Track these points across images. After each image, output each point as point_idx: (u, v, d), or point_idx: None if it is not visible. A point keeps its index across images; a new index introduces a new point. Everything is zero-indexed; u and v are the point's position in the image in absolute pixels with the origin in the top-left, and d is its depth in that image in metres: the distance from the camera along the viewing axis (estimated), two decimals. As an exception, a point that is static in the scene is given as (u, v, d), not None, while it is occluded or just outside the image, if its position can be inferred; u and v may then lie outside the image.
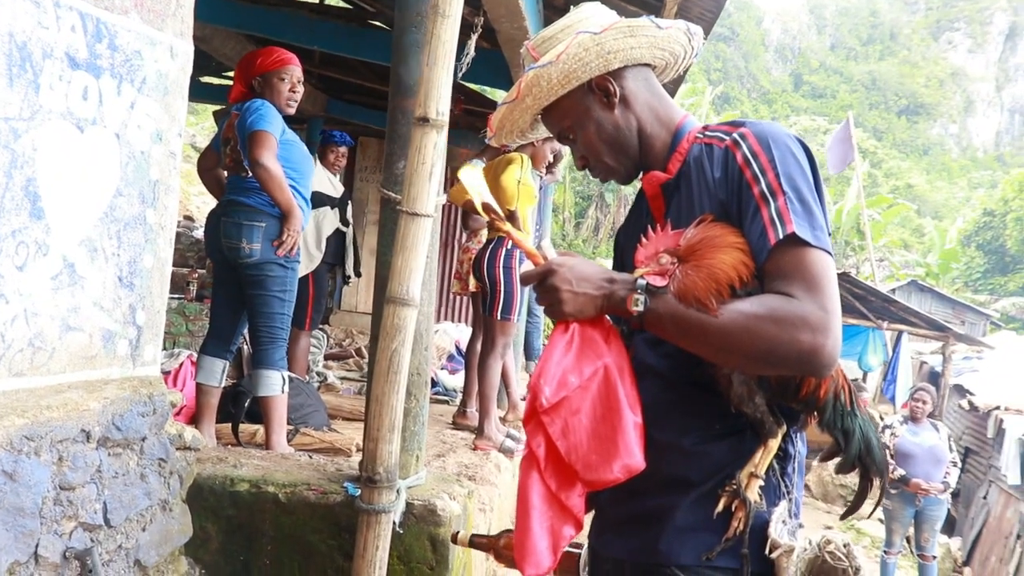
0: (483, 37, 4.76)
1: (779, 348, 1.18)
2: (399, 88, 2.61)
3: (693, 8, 4.52)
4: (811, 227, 1.23)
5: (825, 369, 1.20)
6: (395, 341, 2.30)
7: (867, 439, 1.35)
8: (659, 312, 1.27)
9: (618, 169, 1.50)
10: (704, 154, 1.38)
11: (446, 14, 2.27)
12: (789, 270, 1.22)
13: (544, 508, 1.31)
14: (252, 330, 3.64)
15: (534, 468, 1.33)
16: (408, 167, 2.31)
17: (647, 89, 1.48)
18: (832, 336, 1.18)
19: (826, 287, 1.20)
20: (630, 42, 1.41)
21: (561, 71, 1.40)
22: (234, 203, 3.53)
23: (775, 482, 1.35)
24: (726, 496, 1.31)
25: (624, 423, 1.28)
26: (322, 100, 8.78)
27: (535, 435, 1.33)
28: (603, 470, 1.28)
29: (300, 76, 3.73)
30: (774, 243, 1.22)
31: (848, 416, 1.35)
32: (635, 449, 1.28)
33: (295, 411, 4.15)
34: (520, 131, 1.58)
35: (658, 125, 1.46)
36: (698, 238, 1.28)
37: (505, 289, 4.31)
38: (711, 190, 1.34)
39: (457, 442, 4.54)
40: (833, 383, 1.32)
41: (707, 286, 1.23)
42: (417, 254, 2.30)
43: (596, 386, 1.31)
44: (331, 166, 5.35)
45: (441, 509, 2.52)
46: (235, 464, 2.70)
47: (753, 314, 1.20)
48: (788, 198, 1.24)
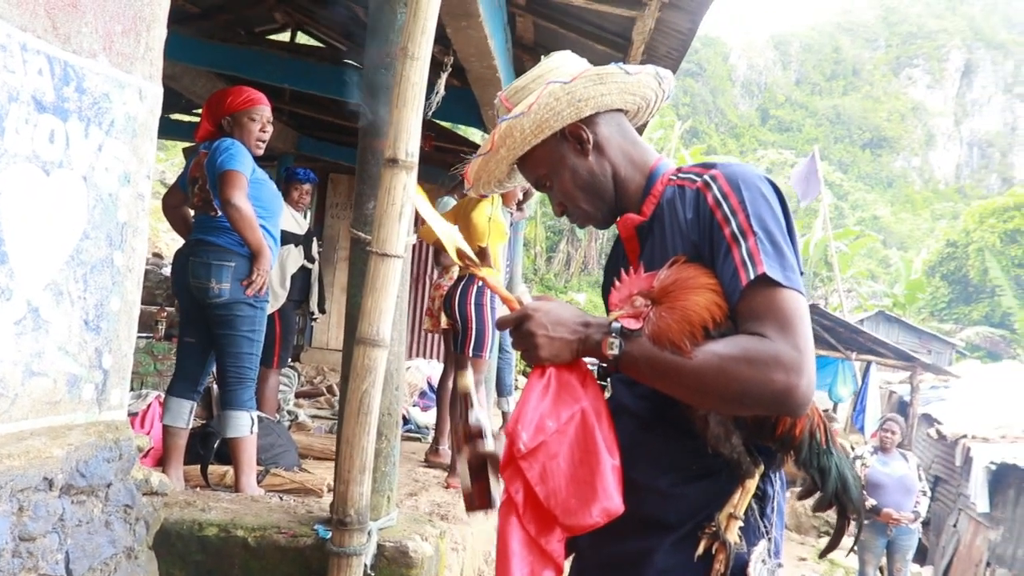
0: (453, 75, 4.81)
1: (753, 389, 1.19)
2: (369, 129, 2.63)
3: (659, 47, 4.59)
4: (782, 267, 1.24)
5: (800, 408, 1.21)
6: (365, 382, 2.29)
7: (843, 477, 1.36)
8: (634, 355, 1.28)
9: (595, 214, 1.51)
10: (677, 196, 1.39)
11: (415, 56, 2.30)
12: (761, 311, 1.22)
13: (524, 554, 1.31)
14: (220, 370, 3.60)
15: (513, 513, 1.32)
16: (378, 208, 2.32)
17: (620, 134, 1.49)
18: (806, 375, 1.18)
19: (798, 326, 1.21)
20: (600, 89, 1.43)
21: (533, 121, 1.42)
22: (203, 242, 3.51)
23: (754, 522, 1.35)
24: (706, 538, 1.31)
25: (602, 466, 1.29)
26: (292, 137, 8.80)
27: (513, 481, 1.32)
28: (582, 514, 1.27)
29: (270, 116, 3.74)
30: (745, 284, 1.23)
31: (824, 454, 1.35)
32: (613, 492, 1.28)
33: (265, 451, 4.10)
34: (497, 180, 1.59)
35: (632, 169, 1.48)
36: (671, 280, 1.29)
37: (477, 326, 4.31)
38: (683, 231, 1.35)
39: (430, 480, 4.50)
40: (809, 421, 1.33)
41: (680, 328, 1.24)
42: (387, 295, 2.30)
43: (573, 430, 1.31)
44: (295, 203, 5.35)
45: (413, 551, 2.49)
46: (203, 508, 2.65)
47: (727, 355, 1.20)
48: (759, 239, 1.25)
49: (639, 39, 4.30)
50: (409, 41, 2.29)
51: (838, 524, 1.42)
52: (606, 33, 4.71)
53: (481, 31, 3.84)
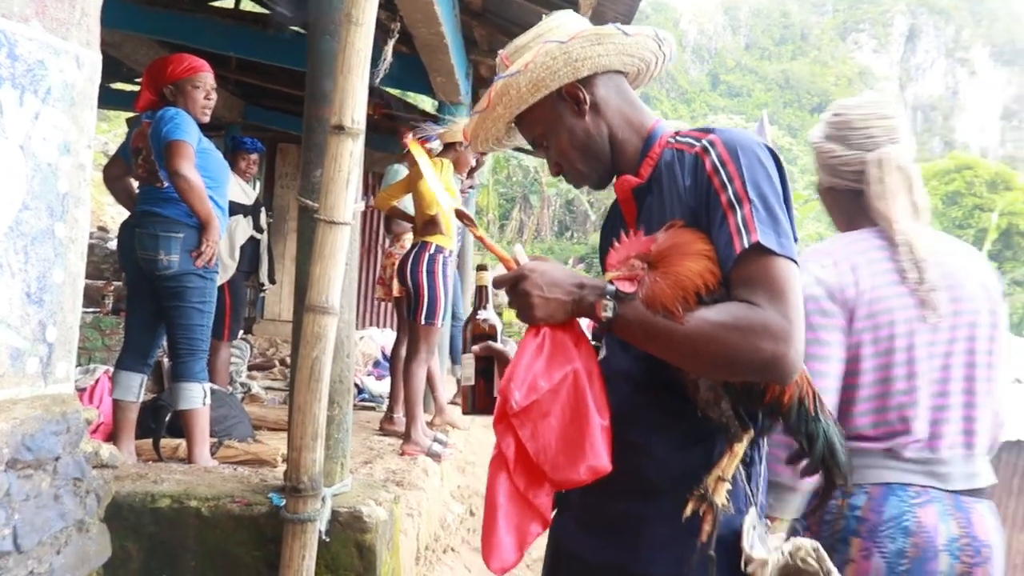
0: (402, 42, 4.77)
1: (742, 356, 1.20)
2: (314, 96, 2.60)
3: (607, 12, 4.60)
4: (776, 235, 1.25)
5: (788, 376, 1.22)
6: (316, 349, 2.29)
7: (831, 443, 1.37)
8: (627, 318, 1.29)
9: (591, 175, 1.52)
10: (676, 159, 1.39)
11: (359, 22, 2.28)
12: (754, 279, 1.23)
13: (511, 507, 1.34)
14: (171, 342, 3.57)
15: (503, 468, 1.35)
16: (325, 175, 2.31)
17: (618, 95, 1.49)
18: (794, 345, 1.20)
19: (789, 296, 1.22)
20: (597, 50, 1.42)
21: (530, 79, 1.41)
22: (149, 214, 3.46)
23: (742, 487, 1.36)
24: (694, 500, 1.32)
25: (592, 426, 1.31)
26: (239, 106, 8.64)
27: (504, 436, 1.35)
28: (570, 471, 1.30)
29: (213, 83, 3.68)
30: (739, 252, 1.24)
31: (812, 421, 1.36)
32: (601, 451, 1.30)
33: (218, 423, 4.08)
34: (496, 139, 1.58)
35: (630, 130, 1.48)
36: (667, 244, 1.30)
37: (429, 294, 4.32)
38: (681, 196, 1.36)
39: (384, 448, 4.52)
40: (798, 389, 1.34)
41: (674, 293, 1.25)
42: (336, 262, 2.30)
43: (565, 390, 1.33)
44: (242, 173, 5.27)
45: (367, 516, 2.51)
46: (156, 480, 2.64)
47: (718, 322, 1.22)
48: (754, 206, 1.26)
49: (586, 4, 4.31)
50: (353, 7, 2.27)
51: (824, 488, 1.43)
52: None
53: (427, -4, 3.81)
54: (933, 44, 77.61)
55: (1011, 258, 29.65)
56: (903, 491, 1.71)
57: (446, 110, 5.48)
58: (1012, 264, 28.81)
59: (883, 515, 1.70)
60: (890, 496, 1.71)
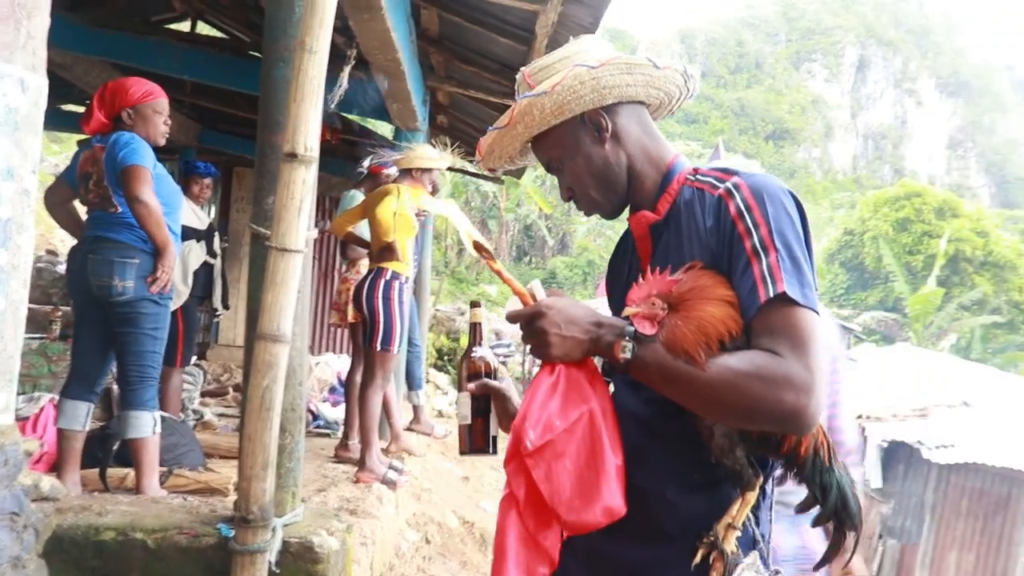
0: (359, 68, 4.77)
1: (763, 406, 1.19)
2: (267, 123, 2.60)
3: (562, 40, 4.61)
4: (800, 285, 1.23)
5: (807, 428, 1.21)
6: (266, 378, 2.27)
7: (843, 494, 1.37)
8: (646, 360, 1.27)
9: (604, 204, 1.50)
10: (696, 199, 1.37)
11: (313, 50, 2.28)
12: (777, 328, 1.22)
13: (520, 548, 1.32)
14: (121, 370, 3.51)
15: (513, 508, 1.33)
16: (277, 203, 2.30)
17: (639, 127, 1.47)
18: (815, 397, 1.18)
19: (812, 347, 1.21)
20: (626, 79, 1.41)
21: (555, 102, 1.40)
22: (103, 239, 3.41)
23: (751, 532, 1.36)
24: (704, 547, 1.31)
25: (607, 466, 1.29)
26: (195, 130, 8.57)
27: (516, 476, 1.32)
28: (586, 513, 1.28)
29: (168, 108, 3.65)
30: (764, 301, 1.23)
31: (827, 472, 1.36)
32: (616, 492, 1.29)
33: (168, 452, 4.00)
34: (509, 157, 1.57)
35: (648, 164, 1.46)
36: (688, 287, 1.28)
37: (385, 320, 4.30)
38: (702, 237, 1.34)
39: (339, 476, 4.48)
40: (813, 439, 1.33)
41: (696, 339, 1.24)
42: (288, 290, 2.28)
43: (581, 430, 1.31)
44: (196, 198, 5.21)
45: (318, 546, 2.48)
46: (100, 512, 2.58)
47: (740, 371, 1.20)
48: (780, 255, 1.24)
49: (542, 32, 4.35)
50: (307, 35, 2.27)
51: (834, 538, 1.42)
52: (509, 26, 4.75)
53: (384, 23, 3.82)
54: (882, 75, 79.82)
55: (958, 283, 30.38)
56: None
57: (403, 136, 5.49)
58: (960, 289, 29.51)
59: None
60: None
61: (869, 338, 26.68)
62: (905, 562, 11.03)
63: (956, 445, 10.50)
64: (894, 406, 11.87)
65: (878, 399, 12.33)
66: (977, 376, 14.88)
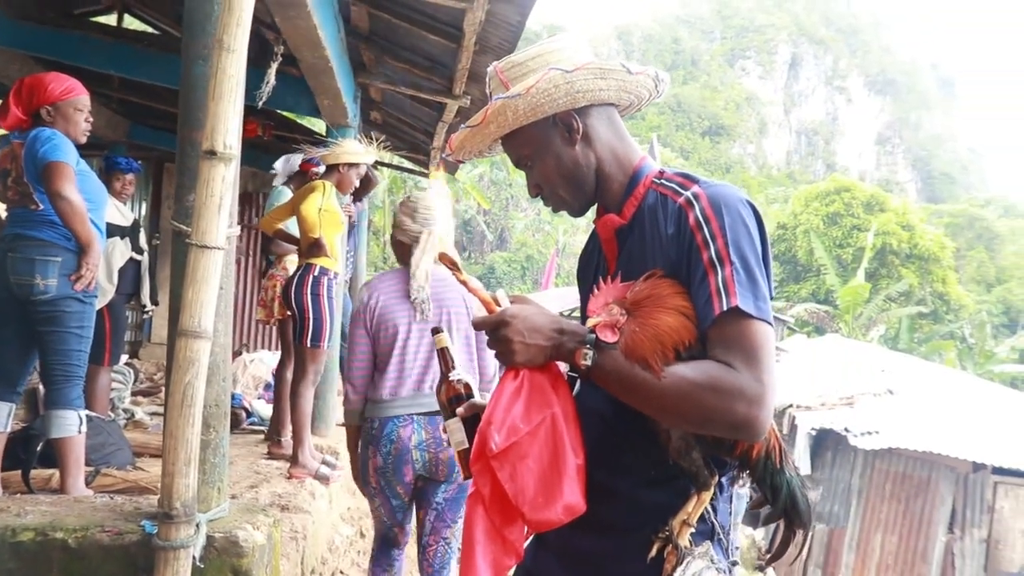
0: (291, 65, 4.76)
1: (715, 416, 1.24)
2: (187, 120, 2.59)
3: (491, 38, 4.71)
4: (754, 298, 1.27)
5: (757, 436, 1.26)
6: (188, 374, 2.28)
7: (793, 495, 1.42)
8: (605, 368, 1.32)
9: (572, 203, 1.53)
10: (659, 204, 1.41)
11: (231, 48, 2.29)
12: (730, 341, 1.26)
13: (487, 542, 1.38)
14: (45, 369, 3.45)
15: (479, 505, 1.38)
16: (197, 200, 2.31)
17: (609, 129, 1.50)
18: (766, 408, 1.23)
19: (764, 359, 1.25)
20: (600, 84, 1.44)
21: (528, 104, 1.41)
22: (22, 237, 3.35)
23: (709, 523, 1.41)
24: (659, 542, 1.37)
25: (568, 467, 1.35)
26: (124, 126, 8.39)
27: (482, 476, 1.38)
28: (548, 511, 1.34)
29: (89, 105, 3.60)
30: (718, 313, 1.27)
31: (777, 474, 1.41)
32: (577, 491, 1.35)
33: (95, 451, 3.96)
34: (478, 151, 1.59)
35: (616, 167, 1.49)
36: (645, 294, 1.33)
37: (314, 316, 4.31)
38: (663, 245, 1.38)
39: (272, 472, 4.48)
40: (765, 443, 1.38)
41: (653, 347, 1.28)
42: (208, 286, 2.30)
43: (544, 433, 1.36)
44: (118, 194, 5.12)
45: (243, 540, 2.50)
46: (18, 513, 2.55)
47: (694, 381, 1.24)
48: (735, 268, 1.28)
49: (470, 30, 4.39)
50: (224, 33, 2.28)
51: (784, 535, 1.47)
52: (439, 23, 4.78)
53: (310, 20, 3.82)
54: (813, 72, 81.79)
55: (886, 275, 31.37)
56: (396, 420, 2.99)
57: (333, 133, 5.49)
58: (887, 281, 30.48)
59: (383, 432, 2.99)
60: (388, 423, 2.99)
61: (802, 329, 27.39)
62: (833, 545, 11.42)
63: (880, 431, 10.90)
64: (823, 395, 12.26)
65: (808, 389, 12.71)
66: (901, 365, 15.47)
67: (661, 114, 68.12)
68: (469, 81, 5.33)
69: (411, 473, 3.00)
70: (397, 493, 3.06)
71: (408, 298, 3.05)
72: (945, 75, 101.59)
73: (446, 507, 3.10)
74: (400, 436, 2.97)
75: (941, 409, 12.24)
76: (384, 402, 3.01)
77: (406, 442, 2.96)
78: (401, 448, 2.96)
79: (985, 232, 47.67)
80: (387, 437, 2.97)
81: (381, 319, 3.05)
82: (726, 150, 71.97)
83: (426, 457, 2.97)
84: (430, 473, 3.03)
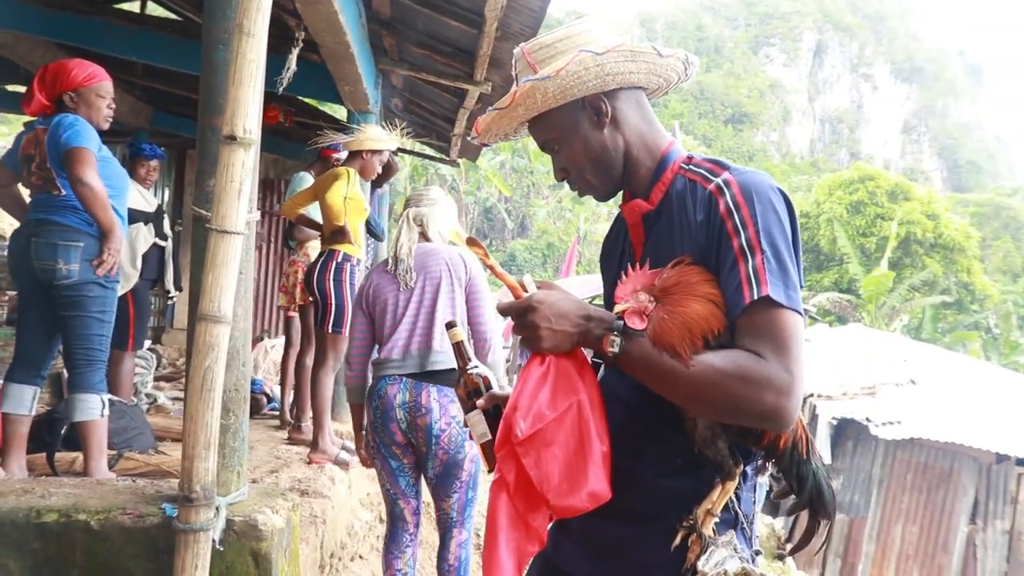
0: (313, 51, 4.76)
1: (743, 405, 1.22)
2: (208, 106, 2.60)
3: (513, 23, 4.68)
4: (785, 287, 1.26)
5: (785, 426, 1.25)
6: (208, 358, 2.29)
7: (819, 485, 1.41)
8: (633, 355, 1.30)
9: (599, 188, 1.51)
10: (688, 190, 1.39)
11: (251, 33, 2.29)
12: (760, 330, 1.25)
13: (510, 529, 1.37)
14: (68, 353, 3.49)
15: (503, 491, 1.37)
16: (217, 185, 2.32)
17: (638, 113, 1.48)
18: (794, 398, 1.22)
19: (793, 349, 1.24)
20: (630, 67, 1.41)
21: (558, 86, 1.39)
22: (46, 222, 3.38)
23: (732, 512, 1.40)
24: (683, 530, 1.36)
25: (593, 454, 1.34)
26: (147, 112, 8.44)
27: (507, 462, 1.36)
28: (572, 498, 1.33)
29: (113, 91, 3.62)
30: (748, 302, 1.25)
31: (804, 464, 1.40)
32: (602, 479, 1.34)
33: (118, 435, 4.00)
34: (504, 134, 1.58)
35: (644, 151, 1.47)
36: (674, 281, 1.31)
37: (336, 302, 4.32)
38: (692, 231, 1.36)
39: (292, 457, 4.51)
40: (792, 433, 1.37)
41: (682, 335, 1.27)
42: (228, 271, 2.30)
43: (570, 419, 1.35)
44: (142, 180, 5.15)
45: (263, 524, 2.51)
46: (43, 495, 2.58)
47: (723, 370, 1.23)
48: (766, 256, 1.26)
49: (492, 16, 4.37)
50: (244, 17, 2.28)
51: (808, 526, 1.46)
52: (460, 9, 4.76)
53: (331, 6, 3.82)
54: (839, 59, 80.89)
55: (910, 264, 31.01)
56: (386, 379, 3.16)
57: (354, 119, 5.48)
58: (911, 270, 30.13)
59: (374, 389, 3.19)
60: (379, 381, 3.18)
61: (824, 319, 27.14)
62: (853, 535, 11.35)
63: (902, 422, 10.81)
64: (844, 385, 12.17)
65: (830, 378, 12.62)
66: (924, 355, 15.30)
67: (684, 101, 67.68)
68: (490, 67, 5.31)
69: (399, 433, 3.14)
70: (394, 453, 3.18)
71: (392, 270, 3.29)
72: (973, 62, 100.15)
73: (437, 483, 3.19)
74: (387, 393, 3.14)
75: (964, 400, 12.10)
76: (378, 362, 3.25)
77: (391, 399, 3.13)
78: (386, 404, 3.13)
79: (1012, 221, 47.01)
80: (376, 393, 3.17)
81: (376, 297, 3.29)
82: (749, 138, 71.43)
83: (408, 419, 3.13)
84: (414, 438, 3.15)
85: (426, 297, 3.21)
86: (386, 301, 3.26)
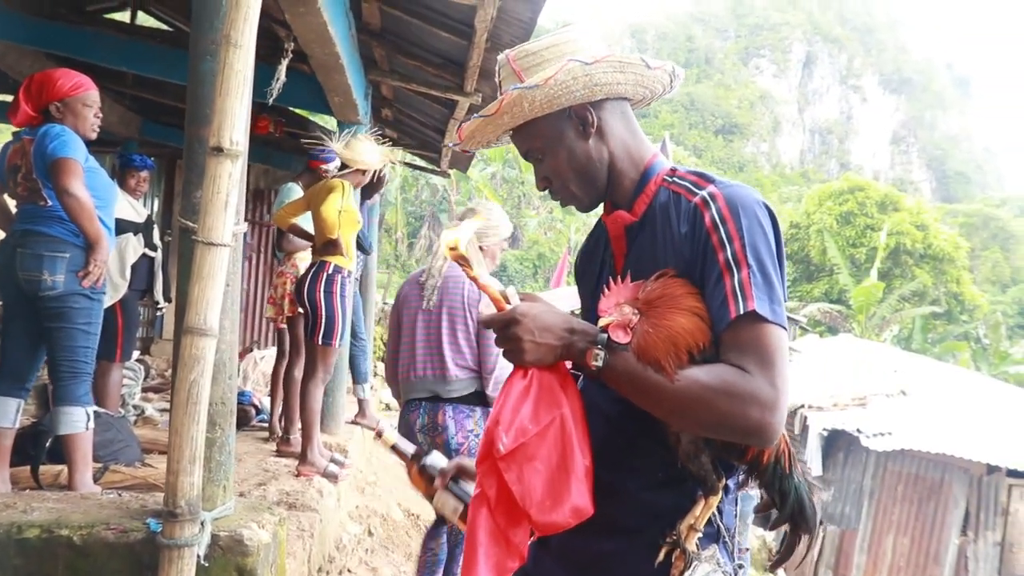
0: (303, 61, 4.75)
1: (728, 420, 1.21)
2: (195, 117, 2.58)
3: (503, 35, 4.68)
4: (770, 302, 1.25)
5: (770, 442, 1.24)
6: (194, 372, 2.27)
7: (800, 500, 1.41)
8: (617, 369, 1.29)
9: (582, 198, 1.49)
10: (672, 203, 1.38)
11: (238, 44, 2.28)
12: (745, 344, 1.24)
13: (490, 544, 1.34)
14: (53, 365, 3.45)
15: (484, 506, 1.35)
16: (203, 196, 2.30)
17: (623, 123, 1.47)
18: (779, 413, 1.21)
19: (778, 363, 1.23)
20: (618, 77, 1.41)
21: (545, 95, 1.38)
22: (31, 233, 3.35)
23: (715, 525, 1.39)
24: (666, 546, 1.35)
25: (576, 469, 1.32)
26: (136, 122, 8.40)
27: (488, 477, 1.34)
28: (555, 513, 1.31)
29: (99, 101, 3.59)
30: (734, 316, 1.24)
31: (786, 479, 1.39)
32: (585, 493, 1.32)
33: (103, 448, 3.96)
34: (487, 142, 1.56)
35: (629, 162, 1.46)
36: (658, 294, 1.30)
37: (327, 314, 4.30)
38: (676, 244, 1.35)
39: (280, 469, 4.47)
40: (775, 448, 1.36)
41: (667, 349, 1.25)
42: (214, 283, 2.28)
43: (552, 434, 1.33)
44: (132, 191, 5.13)
45: (248, 539, 2.48)
46: (25, 509, 2.55)
47: (708, 385, 1.22)
48: (752, 271, 1.26)
49: (482, 27, 4.37)
50: (232, 28, 2.27)
51: (789, 540, 1.45)
52: (450, 20, 4.76)
53: (320, 17, 3.81)
54: (828, 71, 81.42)
55: (899, 275, 31.12)
56: (409, 404, 3.45)
57: (345, 128, 5.47)
58: (900, 281, 30.24)
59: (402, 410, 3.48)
60: (405, 406, 3.46)
61: (814, 329, 27.20)
62: (844, 547, 11.34)
63: (893, 433, 10.81)
64: (835, 395, 12.17)
65: (820, 389, 12.63)
66: (914, 366, 15.34)
67: (674, 112, 67.95)
68: (480, 78, 5.31)
69: None
70: None
71: (420, 288, 3.53)
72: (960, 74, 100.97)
73: None
74: (409, 419, 3.43)
75: (955, 410, 12.13)
76: (402, 381, 3.50)
77: (412, 426, 3.40)
78: (409, 429, 3.42)
79: (1000, 232, 47.29)
80: (401, 417, 3.47)
81: (403, 305, 3.56)
82: (739, 149, 71.72)
83: (428, 440, 3.37)
84: None
85: (443, 323, 3.42)
86: (407, 313, 3.51)
